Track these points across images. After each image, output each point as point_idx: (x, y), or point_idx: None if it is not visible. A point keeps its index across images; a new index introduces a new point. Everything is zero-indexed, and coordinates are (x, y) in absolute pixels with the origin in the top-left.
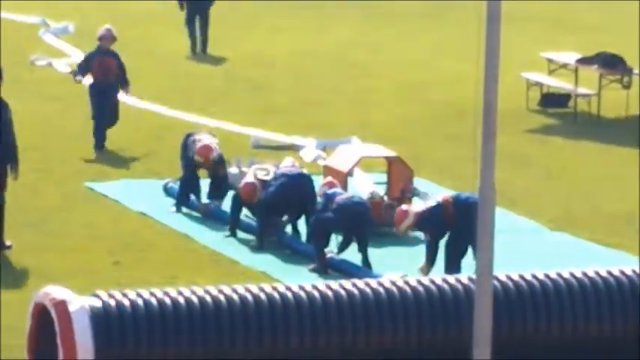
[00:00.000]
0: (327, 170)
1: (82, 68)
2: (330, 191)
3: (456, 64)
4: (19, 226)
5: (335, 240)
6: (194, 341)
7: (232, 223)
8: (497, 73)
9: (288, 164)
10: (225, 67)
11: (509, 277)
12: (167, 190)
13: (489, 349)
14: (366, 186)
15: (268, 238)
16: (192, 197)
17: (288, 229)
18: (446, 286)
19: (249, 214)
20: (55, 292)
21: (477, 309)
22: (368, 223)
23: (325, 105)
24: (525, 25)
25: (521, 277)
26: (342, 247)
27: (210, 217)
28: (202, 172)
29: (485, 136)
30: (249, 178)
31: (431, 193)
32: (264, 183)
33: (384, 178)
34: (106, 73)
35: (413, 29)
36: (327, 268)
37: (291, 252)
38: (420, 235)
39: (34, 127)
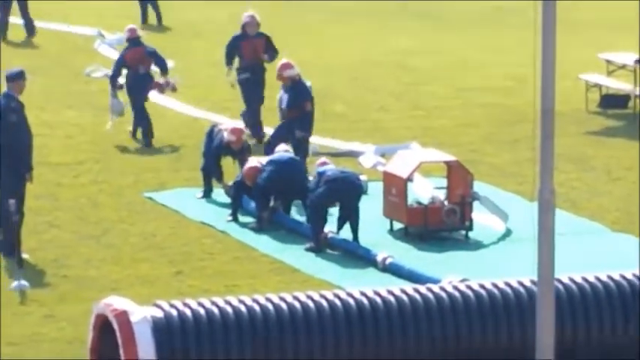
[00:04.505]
0: (387, 176)
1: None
2: (321, 169)
3: (514, 68)
4: (79, 239)
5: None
6: (257, 350)
7: (234, 208)
8: (553, 75)
9: (280, 149)
10: None
11: (572, 280)
12: (228, 194)
13: (552, 351)
14: (426, 191)
15: (268, 220)
16: (246, 201)
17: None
18: (508, 290)
19: None
20: (117, 302)
21: (539, 312)
22: (358, 192)
23: (385, 111)
24: (582, 27)
25: (584, 279)
26: (340, 224)
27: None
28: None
29: (544, 138)
30: (252, 163)
31: (491, 197)
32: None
33: (444, 182)
34: (256, 55)
35: (471, 34)
36: (325, 246)
37: (288, 232)
38: (482, 239)
39: (92, 139)
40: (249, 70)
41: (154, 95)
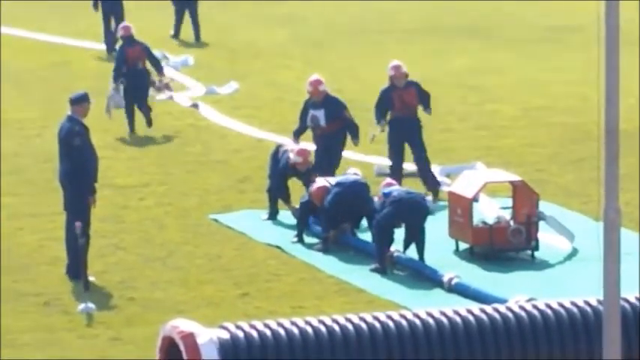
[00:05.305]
0: (452, 196)
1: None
2: (387, 190)
3: (578, 87)
4: (145, 261)
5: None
6: None
7: (300, 229)
8: (617, 95)
9: (349, 172)
10: (347, 96)
11: (638, 299)
12: (295, 215)
13: None
14: (491, 211)
15: (334, 242)
16: (312, 222)
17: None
18: (575, 309)
19: None
20: (183, 325)
21: (606, 331)
22: (423, 212)
23: (449, 131)
24: None
25: None
26: (407, 244)
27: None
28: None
29: (609, 160)
30: (320, 182)
31: (557, 216)
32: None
33: (509, 202)
34: (408, 106)
35: (533, 54)
36: (389, 267)
37: (355, 252)
38: (548, 259)
39: (156, 161)
40: (401, 122)
41: (215, 116)
